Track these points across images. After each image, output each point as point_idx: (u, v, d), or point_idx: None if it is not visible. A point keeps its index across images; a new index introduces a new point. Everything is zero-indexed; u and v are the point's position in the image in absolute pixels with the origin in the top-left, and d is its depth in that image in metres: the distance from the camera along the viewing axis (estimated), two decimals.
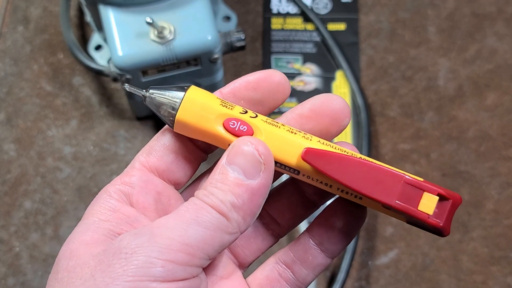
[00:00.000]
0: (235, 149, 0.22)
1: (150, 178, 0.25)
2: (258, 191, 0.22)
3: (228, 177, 0.22)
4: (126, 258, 0.20)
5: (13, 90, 0.57)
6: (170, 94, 0.24)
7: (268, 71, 0.25)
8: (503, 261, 0.50)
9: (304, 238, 0.26)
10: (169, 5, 0.46)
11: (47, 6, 0.61)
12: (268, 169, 0.22)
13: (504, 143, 0.54)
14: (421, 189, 0.22)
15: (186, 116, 0.24)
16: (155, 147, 0.25)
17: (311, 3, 0.61)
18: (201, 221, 0.21)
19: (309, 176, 0.24)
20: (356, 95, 0.55)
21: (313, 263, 0.26)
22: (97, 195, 0.24)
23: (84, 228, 0.23)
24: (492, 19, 0.59)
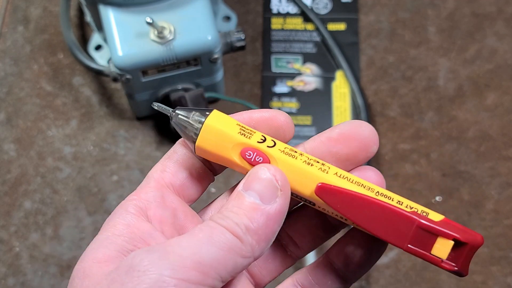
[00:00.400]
0: (252, 175, 0.23)
1: (166, 194, 0.25)
2: (273, 216, 0.22)
3: (244, 201, 0.22)
4: (138, 276, 0.20)
5: (13, 90, 0.57)
6: (192, 118, 0.24)
7: (272, 112, 0.25)
8: (503, 261, 0.50)
9: (324, 262, 0.26)
10: (169, 5, 0.46)
11: (47, 6, 0.61)
12: (285, 195, 0.22)
13: (504, 143, 0.54)
14: (435, 234, 0.22)
15: (205, 144, 0.24)
16: (168, 164, 0.25)
17: (311, 3, 0.61)
18: (215, 241, 0.21)
19: (324, 209, 0.24)
20: (356, 95, 0.55)
21: (331, 287, 0.26)
22: (114, 211, 0.24)
23: (97, 245, 0.23)
24: (492, 19, 0.59)
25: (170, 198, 0.25)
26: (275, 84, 0.57)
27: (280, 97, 0.57)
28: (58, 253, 0.51)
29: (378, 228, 0.22)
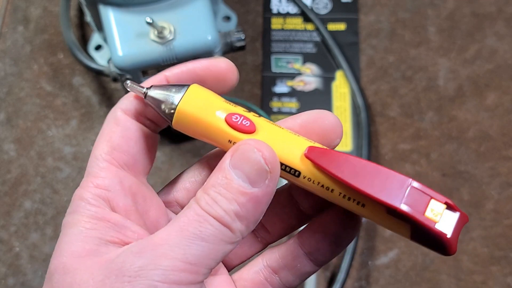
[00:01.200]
0: (241, 153, 0.21)
1: (122, 178, 0.24)
2: (262, 199, 0.21)
3: (232, 183, 0.21)
4: (130, 281, 0.20)
5: (13, 90, 0.57)
6: (172, 89, 0.24)
7: (214, 60, 0.25)
8: (503, 261, 0.50)
9: (293, 245, 0.25)
10: (169, 5, 0.46)
11: (47, 6, 0.61)
12: (274, 176, 0.21)
13: (504, 143, 0.54)
14: (428, 195, 0.21)
15: (188, 107, 0.23)
16: (115, 140, 0.24)
17: (311, 3, 0.61)
18: (204, 236, 0.20)
19: (310, 179, 0.23)
20: (356, 95, 0.55)
21: (300, 270, 0.25)
22: (73, 203, 0.23)
23: (72, 239, 0.22)
24: (492, 19, 0.59)
25: (127, 181, 0.24)
26: (275, 84, 0.57)
27: (280, 97, 0.57)
28: None
29: (372, 188, 0.21)
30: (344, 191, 0.22)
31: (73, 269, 0.21)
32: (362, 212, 0.22)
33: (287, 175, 0.23)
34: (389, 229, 0.22)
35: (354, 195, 0.22)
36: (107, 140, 0.24)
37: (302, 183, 0.23)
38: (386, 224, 0.22)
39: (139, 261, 0.20)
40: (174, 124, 0.24)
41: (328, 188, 0.22)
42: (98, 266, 0.21)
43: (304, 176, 0.23)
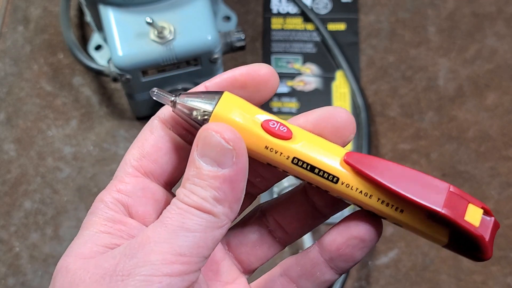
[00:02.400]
0: (202, 140, 0.21)
1: (146, 185, 0.24)
2: (236, 177, 0.21)
3: (202, 171, 0.21)
4: (123, 280, 0.20)
5: (13, 90, 0.57)
6: (203, 96, 0.23)
7: (254, 65, 0.24)
8: (503, 261, 0.50)
9: (313, 252, 0.25)
10: (169, 5, 0.46)
11: (47, 6, 0.61)
12: (240, 153, 0.21)
13: (504, 143, 0.54)
14: (466, 200, 0.21)
15: (223, 112, 0.23)
16: (146, 148, 0.24)
17: (311, 3, 0.61)
18: (189, 227, 0.21)
19: (348, 185, 0.22)
20: (356, 95, 0.55)
21: (320, 279, 0.25)
22: (93, 204, 0.24)
23: (83, 240, 0.22)
24: (492, 19, 0.59)
25: (151, 188, 0.24)
26: None
27: (280, 97, 0.57)
28: (58, 253, 0.51)
29: (413, 192, 0.21)
30: (383, 197, 0.22)
31: (74, 269, 0.21)
32: (400, 217, 0.22)
33: (324, 182, 0.23)
34: (425, 235, 0.22)
35: (393, 201, 0.22)
36: (138, 147, 0.24)
37: (340, 190, 0.23)
38: (424, 230, 0.22)
39: (131, 261, 0.20)
40: None
41: (366, 194, 0.22)
42: (95, 265, 0.21)
43: (342, 182, 0.22)
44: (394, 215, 0.22)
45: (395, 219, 0.22)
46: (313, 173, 0.23)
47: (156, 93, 0.24)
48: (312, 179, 0.23)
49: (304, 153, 0.23)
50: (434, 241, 0.22)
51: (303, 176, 0.23)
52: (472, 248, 0.22)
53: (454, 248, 0.22)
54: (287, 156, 0.23)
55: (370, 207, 0.23)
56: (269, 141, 0.23)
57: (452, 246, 0.22)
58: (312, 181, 0.23)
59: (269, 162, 0.23)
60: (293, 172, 0.23)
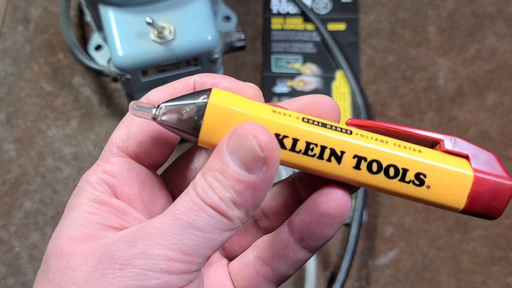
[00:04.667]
0: (236, 138, 0.20)
1: (131, 166, 0.23)
2: (260, 186, 0.20)
3: (228, 169, 0.20)
4: (120, 269, 0.19)
5: (13, 90, 0.57)
6: (190, 96, 0.22)
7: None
8: (503, 261, 0.50)
9: (284, 233, 0.24)
10: (169, 5, 0.46)
11: (47, 6, 0.61)
12: (271, 163, 0.20)
13: (504, 143, 0.54)
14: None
15: (220, 100, 0.21)
16: (132, 130, 0.23)
17: (311, 3, 0.61)
18: (199, 225, 0.20)
19: (363, 135, 0.22)
20: (356, 95, 0.55)
21: (293, 259, 0.24)
22: (79, 185, 0.23)
23: (72, 222, 0.22)
24: (492, 19, 0.59)
25: (136, 169, 0.24)
26: (275, 84, 0.57)
27: (280, 97, 0.57)
28: None
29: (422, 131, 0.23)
30: (398, 141, 0.22)
31: (69, 252, 0.21)
32: (419, 156, 0.22)
33: (338, 137, 0.22)
34: (447, 174, 0.22)
35: (408, 144, 0.22)
36: (125, 127, 0.24)
37: (354, 141, 0.22)
38: (446, 163, 0.22)
39: (131, 250, 0.20)
40: (203, 127, 0.21)
41: (382, 141, 0.22)
42: (93, 251, 0.20)
43: (356, 133, 0.22)
44: (414, 155, 0.22)
45: (414, 164, 0.22)
46: (326, 128, 0.22)
47: (137, 107, 0.22)
48: (324, 137, 0.22)
49: (312, 116, 0.22)
50: (459, 180, 0.22)
51: (315, 136, 0.22)
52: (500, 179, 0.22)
53: (479, 185, 0.22)
54: (296, 116, 0.22)
55: (385, 159, 0.22)
56: (275, 108, 0.22)
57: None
58: (324, 141, 0.22)
59: (278, 129, 0.22)
60: (304, 134, 0.22)
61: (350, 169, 0.22)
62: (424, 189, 0.22)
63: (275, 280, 0.25)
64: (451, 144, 0.22)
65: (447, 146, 0.22)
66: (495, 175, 0.22)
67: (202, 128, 0.21)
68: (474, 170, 0.22)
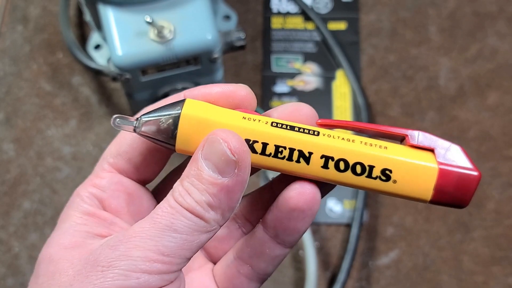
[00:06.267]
0: (209, 144, 0.22)
1: (120, 180, 0.25)
2: (233, 188, 0.21)
3: (203, 173, 0.21)
4: (102, 271, 0.20)
5: (12, 89, 0.57)
6: (165, 107, 0.23)
7: (232, 86, 0.24)
8: (504, 261, 0.50)
9: (259, 232, 0.25)
10: (168, 4, 0.46)
11: (46, 6, 0.60)
12: (243, 166, 0.21)
13: (505, 143, 0.54)
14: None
15: (192, 111, 0.23)
16: (122, 147, 0.25)
17: (311, 3, 0.61)
18: (177, 227, 0.21)
19: (330, 135, 0.23)
20: (357, 94, 0.55)
21: (270, 255, 0.25)
22: (71, 199, 0.25)
23: (62, 232, 0.23)
24: (493, 18, 0.59)
25: (124, 183, 0.25)
26: (275, 83, 0.57)
27: (281, 97, 0.57)
28: None
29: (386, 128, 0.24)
30: (365, 139, 0.23)
31: (57, 258, 0.22)
32: (385, 152, 0.23)
33: (305, 139, 0.23)
34: (413, 168, 0.22)
35: (375, 141, 0.23)
36: (116, 144, 0.25)
37: (321, 143, 0.23)
38: (412, 158, 0.23)
39: (113, 253, 0.21)
40: (179, 136, 0.23)
41: (349, 140, 0.23)
42: (79, 256, 0.22)
43: (324, 133, 0.23)
44: (379, 153, 0.23)
45: (380, 160, 0.23)
46: (294, 131, 0.23)
47: (118, 120, 0.23)
48: (292, 139, 0.23)
49: (281, 120, 0.23)
50: (424, 173, 0.22)
51: (283, 140, 0.23)
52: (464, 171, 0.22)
53: (444, 178, 0.22)
54: (265, 121, 0.23)
55: (351, 156, 0.23)
56: (245, 114, 0.23)
57: (442, 178, 0.22)
58: (292, 143, 0.23)
59: (248, 134, 0.23)
60: (273, 138, 0.23)
61: (319, 168, 0.23)
62: (390, 184, 0.23)
63: (257, 278, 0.26)
64: (416, 138, 0.23)
65: (411, 140, 0.23)
66: (460, 166, 0.22)
67: (178, 137, 0.23)
68: (439, 163, 0.23)
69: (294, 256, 0.51)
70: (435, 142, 0.23)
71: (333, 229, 0.52)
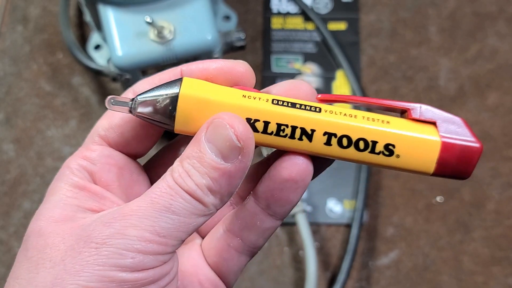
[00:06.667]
0: (214, 127, 0.21)
1: (111, 153, 0.24)
2: (236, 174, 0.21)
3: (205, 157, 0.21)
4: (96, 247, 0.20)
5: (12, 90, 0.57)
6: (162, 86, 0.22)
7: (230, 62, 0.24)
8: (504, 261, 0.50)
9: (250, 203, 0.24)
10: (168, 4, 0.46)
11: (46, 6, 0.60)
12: (247, 152, 0.21)
13: (505, 143, 0.54)
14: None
15: (190, 90, 0.22)
16: (115, 120, 0.24)
17: (311, 3, 0.61)
18: (175, 209, 0.21)
19: (332, 111, 0.23)
20: (357, 95, 0.55)
21: (261, 228, 0.24)
22: (60, 170, 0.24)
23: (52, 205, 0.23)
24: (493, 18, 0.59)
25: (115, 157, 0.24)
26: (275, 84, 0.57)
27: None
28: None
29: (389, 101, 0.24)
30: (367, 114, 0.23)
31: (47, 232, 0.21)
32: (387, 127, 0.22)
33: (307, 116, 0.22)
34: (415, 142, 0.22)
35: (377, 115, 0.23)
36: (108, 117, 0.24)
37: (323, 119, 0.22)
38: (414, 131, 0.22)
39: (107, 230, 0.20)
40: (177, 117, 0.22)
41: (351, 115, 0.23)
42: (70, 231, 0.21)
43: (325, 110, 0.23)
44: (382, 126, 0.22)
45: (383, 135, 0.22)
46: (295, 108, 0.22)
47: (113, 101, 0.23)
48: (294, 117, 0.22)
49: (281, 97, 0.23)
50: (426, 147, 0.22)
51: (285, 117, 0.22)
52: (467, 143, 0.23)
53: (446, 152, 0.22)
54: (266, 99, 0.23)
55: (353, 133, 0.22)
56: (246, 92, 0.23)
57: (445, 151, 0.22)
58: (294, 121, 0.22)
59: (249, 113, 0.22)
60: (275, 116, 0.22)
61: (322, 145, 0.23)
62: (394, 158, 0.22)
63: (247, 252, 0.25)
64: (418, 112, 0.23)
65: (414, 114, 0.23)
66: (462, 139, 0.23)
67: (177, 118, 0.22)
68: (441, 136, 0.23)
69: (294, 256, 0.51)
70: (437, 115, 0.23)
71: (333, 229, 0.52)
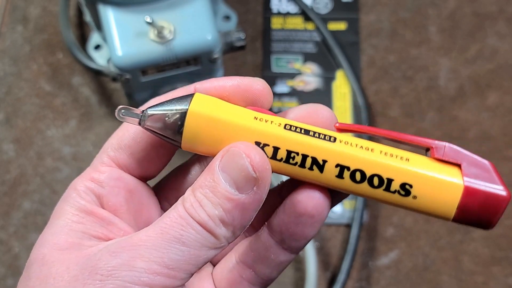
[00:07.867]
0: (229, 156, 0.20)
1: (120, 175, 0.23)
2: (250, 206, 0.20)
3: (219, 187, 0.20)
4: (101, 280, 0.19)
5: (12, 90, 0.57)
6: (173, 101, 0.22)
7: (247, 80, 0.23)
8: (504, 261, 0.50)
9: (264, 236, 0.24)
10: (168, 4, 0.46)
11: (46, 6, 0.60)
12: (263, 184, 0.20)
13: (505, 143, 0.54)
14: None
15: (200, 107, 0.21)
16: (125, 140, 0.23)
17: (311, 3, 0.61)
18: (185, 240, 0.20)
19: (347, 142, 0.21)
20: (357, 95, 0.55)
21: (275, 261, 0.24)
22: (66, 192, 0.23)
23: (56, 230, 0.22)
24: (493, 18, 0.59)
25: (125, 179, 0.23)
26: (275, 84, 0.57)
27: (280, 97, 0.57)
28: None
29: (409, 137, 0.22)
30: (385, 148, 0.22)
31: (51, 261, 0.21)
32: (406, 165, 0.21)
33: (321, 145, 0.21)
34: (437, 183, 0.21)
35: (396, 151, 0.21)
36: (118, 137, 0.24)
37: (337, 150, 0.21)
38: (435, 172, 0.21)
39: (114, 260, 0.19)
40: (185, 133, 0.22)
41: (368, 148, 0.21)
42: (75, 260, 0.20)
43: (340, 140, 0.21)
44: (400, 164, 0.21)
45: (400, 173, 0.21)
46: (308, 136, 0.21)
47: (123, 111, 0.22)
48: (306, 145, 0.21)
49: (295, 122, 0.22)
50: (447, 190, 0.21)
51: (296, 145, 0.21)
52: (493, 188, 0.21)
53: (471, 195, 0.20)
54: (278, 123, 0.22)
55: (370, 168, 0.21)
56: (258, 114, 0.22)
57: (469, 194, 0.20)
58: (306, 149, 0.21)
59: (258, 136, 0.21)
60: (285, 142, 0.21)
61: (333, 177, 0.21)
62: (410, 199, 0.21)
63: (260, 284, 0.24)
64: (442, 151, 0.21)
65: (437, 154, 0.21)
66: (488, 185, 0.21)
67: (184, 135, 0.21)
68: (465, 180, 0.21)
69: None
70: (463, 156, 0.21)
71: (333, 229, 0.52)
